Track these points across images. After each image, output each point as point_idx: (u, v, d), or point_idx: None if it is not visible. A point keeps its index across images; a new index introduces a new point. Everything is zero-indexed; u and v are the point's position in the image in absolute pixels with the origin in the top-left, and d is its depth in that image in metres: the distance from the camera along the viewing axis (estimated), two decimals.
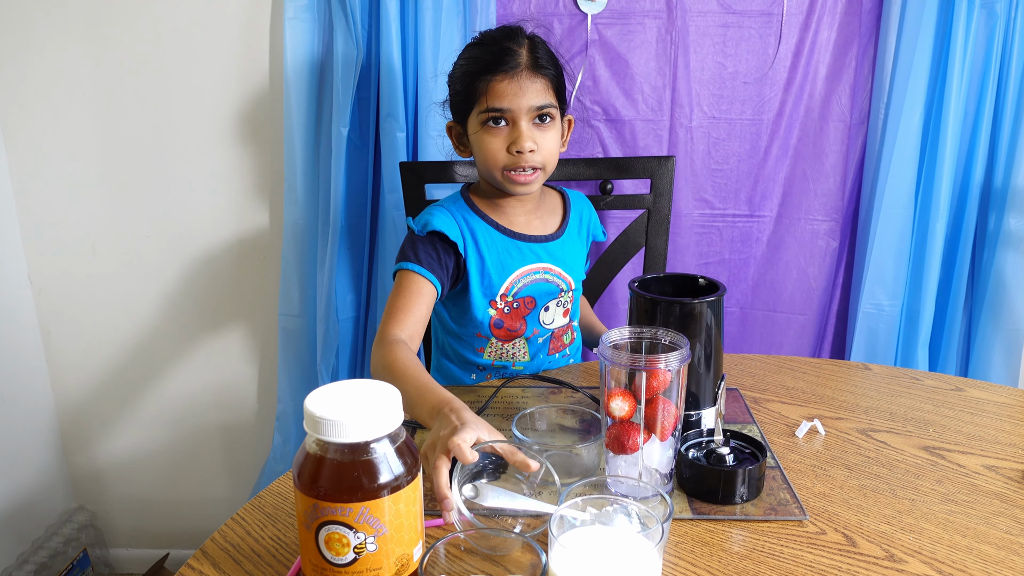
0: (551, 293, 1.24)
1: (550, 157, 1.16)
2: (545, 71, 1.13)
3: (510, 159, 1.13)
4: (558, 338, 1.28)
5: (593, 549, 0.65)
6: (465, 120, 1.17)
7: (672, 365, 0.77)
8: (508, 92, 1.11)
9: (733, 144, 1.65)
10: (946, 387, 1.13)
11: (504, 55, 1.11)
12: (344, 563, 0.62)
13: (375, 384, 0.67)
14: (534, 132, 1.13)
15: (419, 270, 1.13)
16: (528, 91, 1.11)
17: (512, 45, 1.12)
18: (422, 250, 1.15)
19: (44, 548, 1.74)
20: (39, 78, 1.63)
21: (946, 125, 1.51)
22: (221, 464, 1.91)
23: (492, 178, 1.17)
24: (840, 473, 0.89)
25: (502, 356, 1.25)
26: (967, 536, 0.77)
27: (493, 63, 1.11)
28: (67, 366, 1.83)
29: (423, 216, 1.19)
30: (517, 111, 1.11)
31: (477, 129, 1.15)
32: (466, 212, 1.21)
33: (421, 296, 1.12)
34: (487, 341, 1.24)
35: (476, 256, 1.18)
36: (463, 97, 1.15)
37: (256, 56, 1.62)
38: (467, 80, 1.14)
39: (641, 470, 0.80)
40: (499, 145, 1.13)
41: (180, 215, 1.72)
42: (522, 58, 1.12)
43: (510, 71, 1.11)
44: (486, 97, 1.11)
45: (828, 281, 1.71)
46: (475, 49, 1.16)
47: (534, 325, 1.25)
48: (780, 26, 1.59)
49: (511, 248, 1.20)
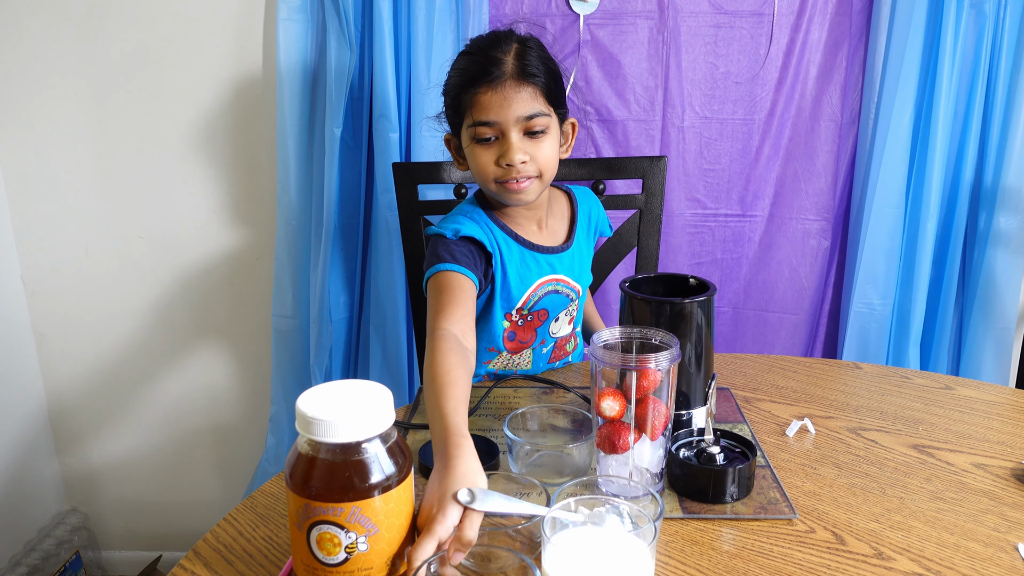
0: (562, 304, 1.22)
1: (546, 165, 1.09)
2: (533, 78, 1.06)
3: (501, 171, 1.08)
4: (561, 347, 1.27)
5: (586, 549, 0.66)
6: (459, 133, 1.14)
7: (662, 365, 0.78)
8: (493, 104, 1.05)
9: (725, 144, 1.66)
10: (936, 386, 1.14)
11: (488, 65, 1.06)
12: (335, 563, 0.62)
13: (367, 384, 0.67)
14: (525, 143, 1.07)
15: (458, 268, 1.06)
16: (514, 101, 1.05)
17: (497, 54, 1.07)
18: (457, 251, 1.09)
19: (36, 550, 1.74)
20: (31, 79, 1.63)
21: (936, 124, 1.51)
22: (214, 466, 1.91)
23: (487, 191, 1.14)
24: (830, 472, 0.89)
25: (507, 366, 1.24)
26: (955, 534, 0.77)
27: (478, 75, 1.06)
28: (60, 368, 1.82)
29: (450, 224, 1.14)
30: (504, 123, 1.06)
31: (468, 143, 1.10)
32: (489, 223, 1.16)
33: (464, 291, 1.05)
34: (497, 354, 1.22)
35: (500, 268, 1.14)
36: (453, 110, 1.12)
37: (249, 57, 1.62)
38: (454, 93, 1.10)
39: (632, 469, 0.81)
40: (489, 159, 1.08)
41: (173, 216, 1.72)
42: (507, 67, 1.06)
43: (493, 82, 1.05)
44: (471, 111, 1.07)
45: (820, 280, 1.71)
46: (463, 60, 1.11)
47: (543, 336, 1.23)
48: (771, 26, 1.59)
49: (528, 259, 1.17)
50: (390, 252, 1.60)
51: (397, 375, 1.66)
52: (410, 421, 1.02)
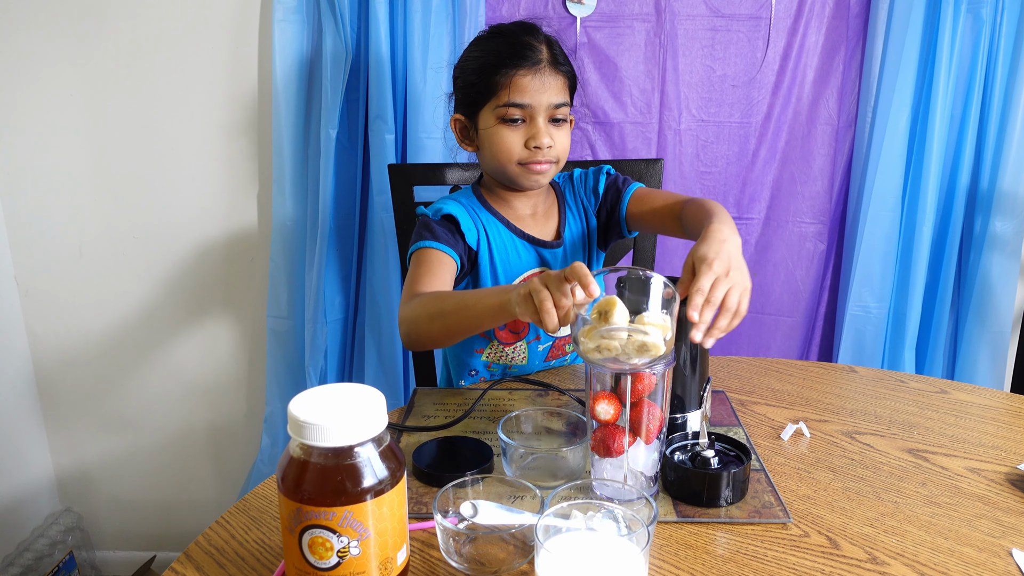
0: None
1: (564, 153, 1.15)
2: (563, 68, 1.12)
3: (527, 154, 1.12)
4: (559, 346, 1.27)
5: (579, 554, 0.65)
6: (475, 113, 1.14)
7: (657, 368, 0.78)
8: (531, 87, 1.09)
9: (721, 147, 1.66)
10: (931, 389, 1.14)
11: (526, 49, 1.09)
12: (328, 567, 0.62)
13: (359, 388, 0.66)
14: (550, 129, 1.12)
15: (437, 245, 1.11)
16: (550, 88, 1.10)
17: (532, 40, 1.11)
18: (438, 229, 1.13)
19: (30, 550, 1.73)
20: (25, 77, 1.63)
21: (933, 128, 1.52)
22: (209, 466, 1.90)
23: (504, 172, 1.15)
24: (824, 476, 0.89)
25: (500, 359, 1.24)
26: (949, 538, 0.77)
27: (515, 56, 1.09)
28: (53, 367, 1.82)
29: (436, 204, 1.18)
30: (537, 107, 1.10)
31: (492, 123, 1.12)
32: (478, 207, 1.19)
33: (443, 265, 1.09)
34: (488, 342, 1.23)
35: (487, 252, 1.17)
36: (479, 89, 1.12)
37: (245, 58, 1.62)
38: (484, 72, 1.11)
39: (626, 473, 0.80)
40: (516, 140, 1.11)
41: (168, 216, 1.71)
42: (543, 54, 1.10)
43: (533, 66, 1.09)
44: (508, 91, 1.09)
45: (816, 283, 1.71)
46: (492, 41, 1.13)
47: (538, 330, 1.23)
48: (768, 30, 1.59)
49: (518, 246, 1.19)
50: (385, 253, 1.59)
51: (392, 377, 1.66)
52: (404, 423, 1.01)
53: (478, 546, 0.71)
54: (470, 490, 0.78)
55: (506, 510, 0.69)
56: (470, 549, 0.71)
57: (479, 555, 0.71)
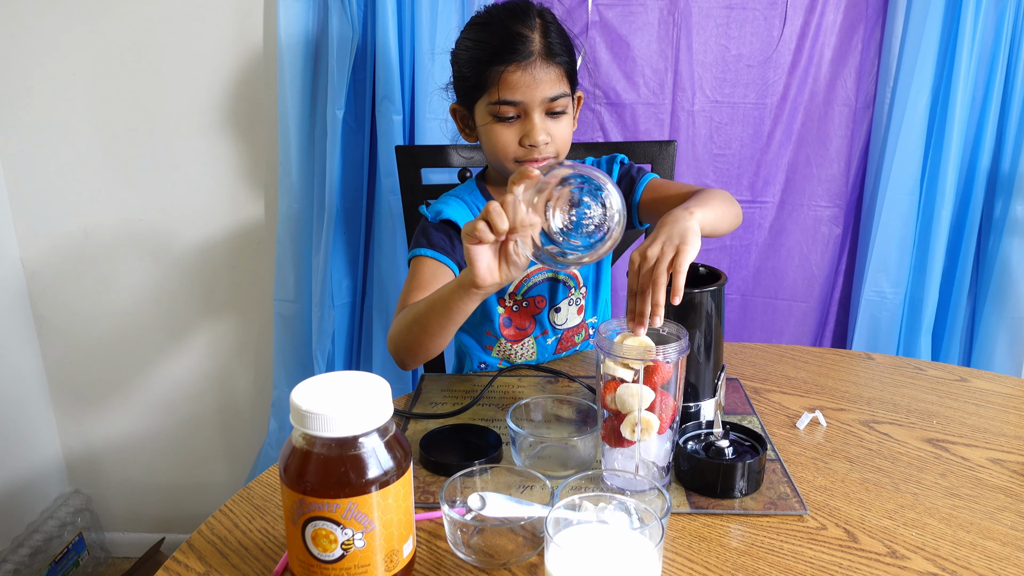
0: (562, 294, 1.20)
1: (563, 146, 1.10)
2: (559, 58, 1.06)
3: (523, 151, 1.07)
4: (569, 338, 1.25)
5: (590, 548, 0.63)
6: (471, 105, 1.11)
7: (670, 357, 0.75)
8: (521, 84, 1.03)
9: (736, 128, 1.63)
10: (950, 377, 1.11)
11: (515, 42, 1.03)
12: (331, 559, 0.61)
13: (364, 376, 0.65)
14: (547, 123, 1.06)
15: (433, 254, 1.09)
16: (542, 82, 1.04)
17: (523, 29, 1.04)
18: (435, 236, 1.11)
19: (39, 531, 1.74)
20: (31, 60, 1.61)
21: (953, 110, 1.48)
22: (217, 449, 1.90)
23: (502, 168, 1.11)
24: (842, 466, 0.87)
25: (509, 357, 1.23)
26: (971, 532, 0.75)
27: (504, 51, 1.03)
28: (60, 350, 1.81)
29: (437, 204, 1.15)
30: (530, 103, 1.04)
31: (486, 120, 1.08)
32: (481, 202, 1.16)
33: (436, 278, 1.07)
34: (496, 340, 1.21)
35: None
36: (472, 83, 1.08)
37: (250, 38, 1.59)
38: (475, 67, 1.07)
39: (638, 463, 0.79)
40: (510, 137, 1.07)
41: (174, 199, 1.70)
42: (535, 45, 1.04)
43: (523, 61, 1.03)
44: (497, 88, 1.04)
45: (831, 268, 1.68)
46: (483, 31, 1.08)
47: (544, 325, 1.21)
48: (785, 7, 1.55)
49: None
50: (393, 236, 1.57)
51: None
52: (412, 410, 1.00)
53: (486, 537, 0.70)
54: (478, 479, 0.77)
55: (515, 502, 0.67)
56: (478, 540, 0.70)
57: (487, 547, 0.70)
